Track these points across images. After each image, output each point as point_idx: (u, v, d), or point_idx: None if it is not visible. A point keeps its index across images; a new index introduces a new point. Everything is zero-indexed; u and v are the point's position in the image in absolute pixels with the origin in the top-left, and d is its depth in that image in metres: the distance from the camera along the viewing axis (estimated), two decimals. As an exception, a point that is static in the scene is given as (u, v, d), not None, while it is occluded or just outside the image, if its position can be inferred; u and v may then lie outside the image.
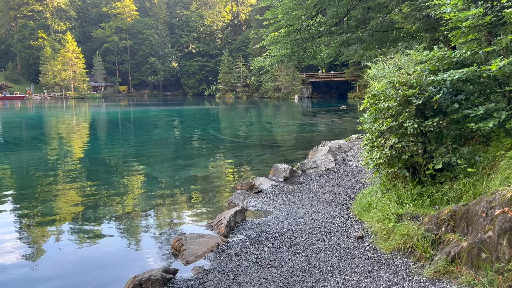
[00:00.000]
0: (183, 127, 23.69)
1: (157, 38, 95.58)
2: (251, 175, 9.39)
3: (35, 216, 6.63)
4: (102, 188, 8.45)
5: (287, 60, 13.49)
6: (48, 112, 39.47)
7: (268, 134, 18.32)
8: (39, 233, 5.91)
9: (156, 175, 9.77)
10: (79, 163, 11.57)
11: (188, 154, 12.99)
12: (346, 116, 29.71)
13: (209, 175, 9.53)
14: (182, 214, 6.70)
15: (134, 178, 9.53)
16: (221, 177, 9.40)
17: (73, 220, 6.42)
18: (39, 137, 18.32)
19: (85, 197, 7.81)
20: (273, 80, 67.44)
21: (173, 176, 9.64)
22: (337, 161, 9.54)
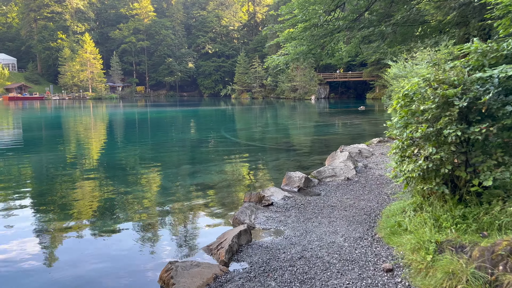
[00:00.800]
0: (197, 128, 23.02)
1: (174, 39, 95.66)
2: (261, 184, 8.56)
3: (49, 217, 6.62)
4: (97, 196, 7.75)
5: (303, 58, 12.61)
6: (66, 112, 39.49)
7: (283, 137, 17.45)
8: (54, 230, 5.92)
9: (160, 183, 9.03)
10: (91, 165, 11.33)
11: (198, 159, 12.23)
12: (365, 117, 28.58)
13: (216, 183, 8.72)
14: (180, 231, 5.90)
15: (136, 184, 8.81)
16: (229, 185, 8.57)
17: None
18: (57, 138, 18.27)
19: (83, 203, 7.12)
20: (289, 80, 66.46)
21: (178, 184, 8.87)
22: (357, 168, 8.62)
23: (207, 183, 8.75)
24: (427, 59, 21.99)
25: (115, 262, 4.78)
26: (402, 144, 4.94)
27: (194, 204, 7.20)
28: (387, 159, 9.65)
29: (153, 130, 21.83)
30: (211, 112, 39.41)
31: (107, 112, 40.42)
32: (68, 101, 69.00)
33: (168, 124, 25.88)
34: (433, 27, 11.13)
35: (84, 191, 8.16)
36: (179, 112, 39.06)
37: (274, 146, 14.50)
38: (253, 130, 21.04)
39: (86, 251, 5.07)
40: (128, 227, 6.01)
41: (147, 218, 6.39)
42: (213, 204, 7.16)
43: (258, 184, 8.63)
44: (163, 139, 17.43)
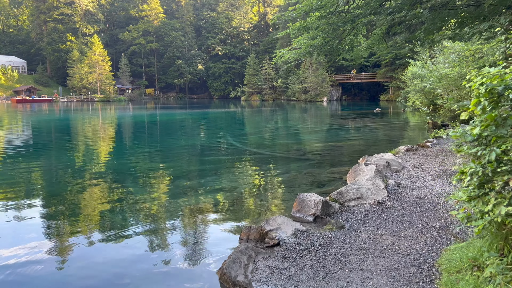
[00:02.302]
0: (203, 133, 21.36)
1: (184, 41, 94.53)
2: (266, 208, 6.80)
3: (59, 218, 6.57)
4: (103, 201, 6.18)
5: (317, 53, 10.83)
6: (74, 115, 38.35)
7: (293, 143, 15.66)
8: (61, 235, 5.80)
9: (135, 206, 7.34)
10: (97, 168, 10.81)
11: (194, 172, 10.50)
12: (382, 120, 26.62)
13: (209, 209, 6.97)
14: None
15: (118, 200, 7.15)
16: (224, 212, 6.80)
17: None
18: (64, 141, 17.72)
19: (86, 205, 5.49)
20: (300, 82, 64.63)
21: (162, 208, 7.17)
22: (389, 187, 6.80)
23: (195, 209, 7.01)
24: (451, 57, 19.98)
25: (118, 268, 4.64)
26: (484, 170, 3.13)
27: (174, 244, 5.34)
28: (422, 173, 7.81)
29: (157, 135, 20.26)
30: (220, 115, 37.78)
31: (115, 115, 39.08)
32: (76, 104, 68.18)
33: (175, 128, 24.31)
34: (471, 14, 9.28)
35: (91, 196, 7.90)
36: (187, 115, 37.52)
37: (284, 154, 12.73)
38: (261, 135, 19.29)
39: (95, 257, 4.96)
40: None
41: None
42: (197, 245, 5.38)
43: (261, 209, 6.84)
44: (165, 145, 15.81)
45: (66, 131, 22.90)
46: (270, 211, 6.57)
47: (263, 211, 6.67)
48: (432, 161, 9.06)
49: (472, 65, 18.85)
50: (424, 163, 8.91)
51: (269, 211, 6.55)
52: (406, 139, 16.27)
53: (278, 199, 7.31)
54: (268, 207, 6.87)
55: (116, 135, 20.58)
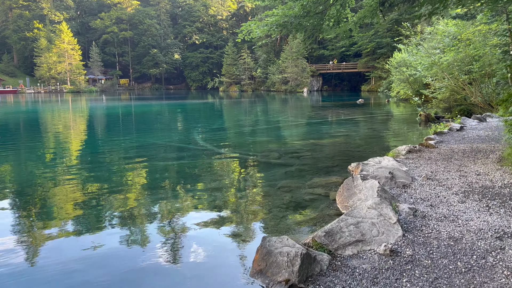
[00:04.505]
0: (168, 130, 18.79)
1: (159, 29, 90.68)
2: (215, 264, 4.36)
3: (34, 215, 5.93)
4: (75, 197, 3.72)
5: (295, 29, 8.44)
6: (42, 107, 35.08)
7: (269, 141, 13.32)
8: (38, 233, 5.24)
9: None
10: (64, 166, 9.51)
11: (132, 194, 8.03)
12: (366, 112, 24.54)
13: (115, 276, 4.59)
14: None
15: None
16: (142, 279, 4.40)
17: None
18: (30, 136, 15.91)
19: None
20: (280, 72, 62.28)
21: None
22: (401, 218, 4.52)
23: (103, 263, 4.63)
24: (445, 40, 17.92)
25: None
26: None
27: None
28: (442, 190, 5.56)
29: (113, 133, 17.63)
30: (195, 106, 35.08)
31: (84, 107, 35.91)
32: (44, 95, 64.04)
33: (141, 122, 21.64)
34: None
35: (60, 194, 7.03)
36: (160, 106, 34.66)
37: (256, 157, 10.36)
38: (234, 131, 16.88)
39: (70, 252, 4.59)
40: None
41: None
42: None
43: (207, 265, 4.38)
44: (122, 144, 13.25)
45: (32, 125, 20.31)
46: (220, 266, 4.19)
47: (208, 267, 4.22)
48: (447, 168, 6.85)
49: (468, 50, 16.86)
50: (438, 171, 6.68)
51: (219, 266, 4.17)
52: (400, 135, 14.12)
53: (232, 242, 4.85)
54: (216, 260, 4.44)
55: (83, 129, 17.78)
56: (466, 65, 16.86)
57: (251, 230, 5.12)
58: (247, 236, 4.91)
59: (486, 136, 10.32)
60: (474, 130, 11.48)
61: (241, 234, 4.97)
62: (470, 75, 16.96)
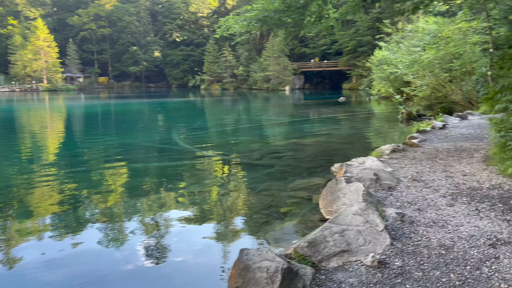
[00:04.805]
0: (147, 129, 18.28)
1: (139, 26, 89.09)
2: (189, 280, 4.01)
3: (10, 217, 5.69)
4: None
5: (276, 25, 8.13)
6: (17, 106, 33.82)
7: (251, 141, 13.00)
8: (14, 235, 5.10)
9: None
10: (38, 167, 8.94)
11: (106, 196, 7.60)
12: (348, 110, 24.49)
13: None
14: None
15: None
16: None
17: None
18: (4, 136, 15.19)
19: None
20: (262, 70, 62.03)
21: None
22: (389, 224, 4.25)
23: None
24: (426, 38, 17.93)
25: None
26: None
27: None
28: (429, 192, 5.34)
29: (91, 133, 17.01)
30: (176, 105, 34.47)
31: (61, 105, 34.85)
32: (19, 94, 62.11)
33: (120, 122, 21.01)
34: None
35: (40, 193, 6.81)
36: (140, 105, 33.92)
37: (237, 158, 10.02)
38: (215, 130, 16.50)
39: (48, 254, 4.48)
40: None
41: None
42: None
43: (179, 281, 4.01)
44: (99, 145, 12.71)
45: (6, 125, 19.57)
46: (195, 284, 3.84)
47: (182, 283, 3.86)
48: (433, 169, 6.65)
49: (449, 48, 16.89)
50: (423, 172, 6.48)
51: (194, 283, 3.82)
52: (383, 134, 14.01)
53: (208, 254, 4.48)
54: (185, 282, 4.09)
55: (60, 129, 17.05)
56: (446, 63, 16.89)
57: (229, 239, 4.78)
58: (225, 246, 4.57)
59: (469, 134, 10.24)
60: (457, 128, 11.42)
61: (218, 244, 4.64)
62: (450, 73, 17.00)
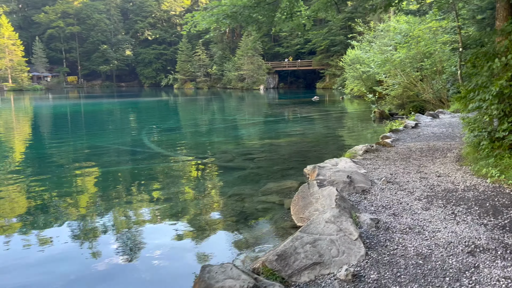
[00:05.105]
0: (113, 130, 17.58)
1: (109, 24, 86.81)
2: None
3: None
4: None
5: (246, 22, 7.81)
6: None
7: (224, 141, 12.64)
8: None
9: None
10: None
11: (70, 200, 7.09)
12: (321, 109, 24.48)
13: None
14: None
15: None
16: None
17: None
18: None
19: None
20: (236, 69, 61.61)
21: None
22: (364, 233, 4.01)
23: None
24: (397, 37, 18.04)
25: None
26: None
27: None
28: (404, 195, 5.15)
29: (58, 135, 16.21)
30: (148, 105, 33.62)
31: (20, 106, 33.32)
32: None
33: (90, 123, 20.17)
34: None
35: (6, 197, 6.38)
36: (110, 105, 32.84)
37: (208, 160, 9.65)
38: (187, 131, 16.04)
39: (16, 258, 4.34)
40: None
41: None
42: None
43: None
44: (66, 148, 12.02)
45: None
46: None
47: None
48: (407, 169, 6.50)
49: (419, 47, 17.03)
50: (397, 173, 6.31)
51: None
52: (356, 133, 13.93)
53: (169, 270, 4.13)
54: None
55: (27, 131, 16.10)
56: (417, 62, 17.04)
57: (194, 251, 4.43)
58: (188, 259, 4.22)
59: (441, 133, 10.24)
60: (429, 127, 11.43)
61: (181, 257, 4.28)
62: (421, 72, 17.17)
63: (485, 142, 5.80)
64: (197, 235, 4.81)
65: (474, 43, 15.26)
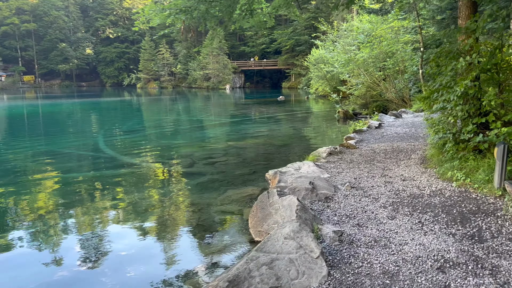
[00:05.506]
0: (70, 135, 16.58)
1: (68, 21, 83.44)
2: None
3: None
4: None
5: (203, 18, 7.34)
6: None
7: (184, 144, 12.09)
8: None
9: None
10: None
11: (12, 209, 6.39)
12: (287, 109, 24.29)
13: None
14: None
15: None
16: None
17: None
18: None
19: None
20: (201, 68, 60.71)
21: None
22: (325, 246, 3.67)
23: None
24: (360, 37, 18.08)
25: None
26: None
27: None
28: (369, 203, 4.86)
29: (9, 139, 15.07)
30: (110, 105, 32.30)
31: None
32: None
33: (48, 125, 18.94)
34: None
35: None
36: (69, 106, 31.26)
37: (166, 166, 9.10)
38: (147, 134, 15.33)
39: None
40: None
41: None
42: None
43: None
44: (13, 154, 11.08)
45: None
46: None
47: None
48: (371, 173, 6.26)
49: (382, 46, 17.12)
50: (361, 177, 6.06)
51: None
52: (320, 134, 13.75)
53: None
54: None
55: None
56: (380, 62, 17.12)
57: (140, 271, 3.94)
58: (132, 283, 3.73)
59: (404, 134, 10.17)
60: (392, 127, 11.38)
61: (125, 282, 3.77)
62: (384, 71, 17.26)
63: (450, 144, 5.64)
64: (142, 256, 4.32)
65: (434, 43, 15.47)
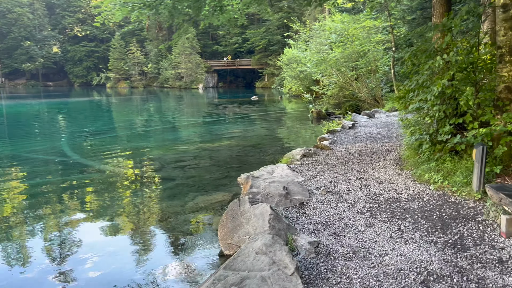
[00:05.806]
0: (29, 137, 15.73)
1: (33, 19, 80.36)
2: None
3: None
4: None
5: (170, 13, 6.92)
6: None
7: (154, 147, 11.60)
8: None
9: None
10: None
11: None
12: (260, 109, 24.04)
13: None
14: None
15: None
16: None
17: None
18: None
19: None
20: (173, 67, 59.70)
21: None
22: (301, 262, 3.37)
23: None
24: (333, 36, 18.02)
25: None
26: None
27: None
28: (345, 208, 4.61)
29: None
30: (78, 105, 31.10)
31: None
32: None
33: (11, 126, 17.91)
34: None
35: None
36: (35, 106, 29.85)
37: (132, 170, 8.62)
38: (114, 135, 14.70)
39: None
40: None
41: None
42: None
43: None
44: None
45: None
46: None
47: None
48: (346, 176, 6.05)
49: (354, 46, 17.11)
50: (337, 180, 5.83)
51: None
52: (294, 134, 13.54)
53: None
54: None
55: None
56: (352, 61, 17.10)
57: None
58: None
59: (378, 134, 10.08)
60: (366, 127, 11.28)
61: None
62: (356, 71, 17.26)
63: (426, 146, 5.48)
64: (98, 275, 3.90)
65: (405, 43, 15.57)
